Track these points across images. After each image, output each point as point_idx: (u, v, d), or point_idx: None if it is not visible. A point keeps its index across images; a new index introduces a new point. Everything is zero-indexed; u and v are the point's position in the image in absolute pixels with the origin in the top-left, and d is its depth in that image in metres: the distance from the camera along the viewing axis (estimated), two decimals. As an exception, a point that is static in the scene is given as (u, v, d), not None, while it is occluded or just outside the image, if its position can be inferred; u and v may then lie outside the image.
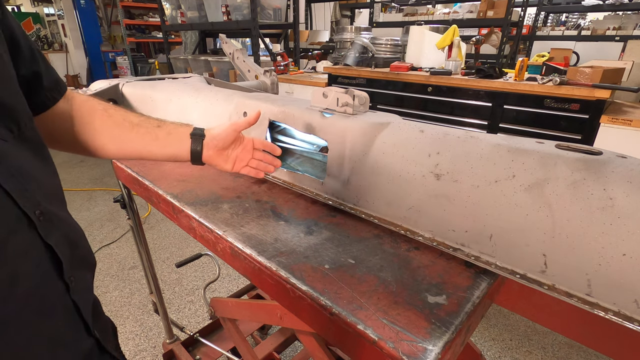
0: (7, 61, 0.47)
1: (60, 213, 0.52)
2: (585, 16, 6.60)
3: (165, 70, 6.59)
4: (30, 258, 0.44)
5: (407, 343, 0.45)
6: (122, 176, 1.08)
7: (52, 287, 0.47)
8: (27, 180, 0.45)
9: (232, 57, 1.75)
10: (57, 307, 0.48)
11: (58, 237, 0.48)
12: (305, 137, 0.96)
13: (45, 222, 0.46)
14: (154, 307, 1.61)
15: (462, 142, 0.65)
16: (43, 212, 0.46)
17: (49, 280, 0.47)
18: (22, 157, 0.46)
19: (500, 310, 1.98)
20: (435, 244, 0.64)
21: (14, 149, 0.45)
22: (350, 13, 7.02)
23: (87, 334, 0.54)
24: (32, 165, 0.48)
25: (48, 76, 0.58)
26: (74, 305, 0.51)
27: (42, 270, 0.46)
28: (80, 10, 7.33)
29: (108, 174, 3.85)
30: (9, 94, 0.45)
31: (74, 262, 0.52)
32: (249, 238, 0.68)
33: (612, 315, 0.47)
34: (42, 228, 0.45)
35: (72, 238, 0.52)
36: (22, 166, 0.45)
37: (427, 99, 2.73)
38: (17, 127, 0.46)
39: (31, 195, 0.45)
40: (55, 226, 0.48)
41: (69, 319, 0.51)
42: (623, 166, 0.52)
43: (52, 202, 0.50)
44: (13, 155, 0.44)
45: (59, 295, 0.49)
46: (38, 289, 0.45)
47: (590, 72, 2.05)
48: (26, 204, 0.43)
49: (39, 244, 0.45)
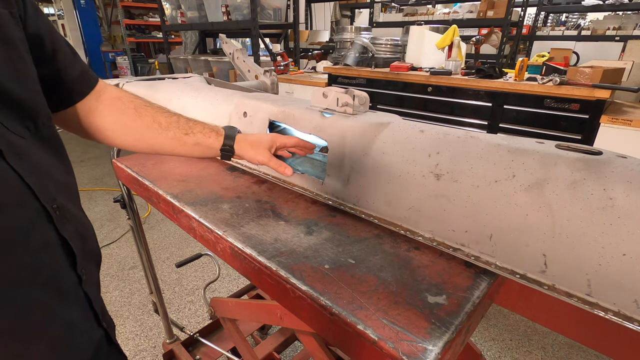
0: (28, 62, 0.48)
1: (73, 209, 0.54)
2: (585, 16, 6.60)
3: (165, 70, 6.59)
4: (49, 249, 0.47)
5: (407, 343, 0.45)
6: (122, 176, 1.08)
7: (67, 278, 0.50)
8: (45, 176, 0.48)
9: (232, 57, 1.75)
10: (71, 296, 0.51)
11: (71, 231, 0.50)
12: (305, 137, 0.96)
13: (61, 216, 0.48)
14: (154, 307, 1.61)
15: (462, 142, 0.65)
16: (59, 207, 0.48)
17: (65, 271, 0.50)
18: (39, 154, 0.48)
19: (500, 310, 1.98)
20: (435, 244, 0.64)
21: (32, 146, 0.47)
22: (350, 13, 7.02)
23: (97, 324, 0.57)
24: (48, 162, 0.50)
25: (74, 71, 0.59)
26: (85, 297, 0.54)
27: (59, 260, 0.48)
28: (80, 10, 7.33)
29: (108, 174, 3.85)
30: (28, 94, 0.47)
31: (85, 256, 0.54)
32: (249, 238, 0.68)
33: (612, 315, 0.47)
34: (58, 222, 0.48)
35: (83, 233, 0.55)
36: (40, 163, 0.48)
37: (427, 99, 2.73)
38: (34, 126, 0.47)
39: (49, 190, 0.47)
40: (69, 220, 0.50)
41: (81, 308, 0.54)
42: (623, 166, 0.52)
43: (67, 197, 0.52)
44: (32, 152, 0.47)
45: (73, 286, 0.51)
46: (55, 277, 0.48)
47: (590, 72, 2.05)
48: (45, 199, 0.46)
49: (54, 236, 0.48)
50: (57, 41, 0.56)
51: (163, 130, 0.67)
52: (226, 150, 0.71)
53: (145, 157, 1.11)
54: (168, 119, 0.68)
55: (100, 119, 0.64)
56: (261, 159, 0.70)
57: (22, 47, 0.47)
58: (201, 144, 0.70)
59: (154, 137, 0.67)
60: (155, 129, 0.67)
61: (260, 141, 0.71)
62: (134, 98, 0.68)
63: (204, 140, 0.69)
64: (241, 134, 0.72)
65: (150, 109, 0.68)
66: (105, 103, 0.64)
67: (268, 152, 0.71)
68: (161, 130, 0.67)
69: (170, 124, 0.68)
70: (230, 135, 0.71)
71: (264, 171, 0.93)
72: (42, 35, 0.52)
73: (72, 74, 0.59)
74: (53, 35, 0.55)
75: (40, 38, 0.52)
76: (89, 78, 0.62)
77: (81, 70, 0.61)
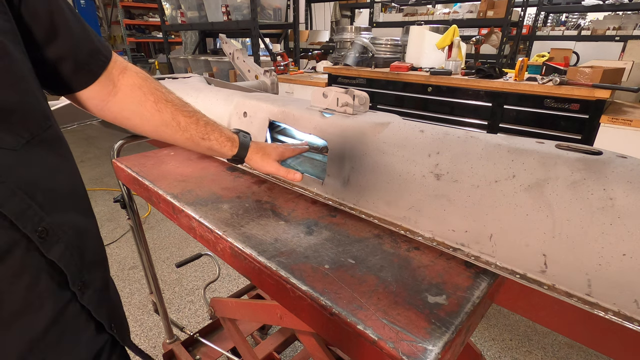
0: (15, 57, 0.42)
1: (72, 218, 0.50)
2: (585, 16, 6.60)
3: (165, 70, 6.59)
4: (25, 278, 0.42)
5: (407, 343, 0.45)
6: (122, 176, 1.08)
7: (56, 300, 0.46)
8: (35, 194, 0.43)
9: (232, 57, 1.75)
10: (63, 317, 0.48)
11: (62, 250, 0.46)
12: (305, 137, 0.96)
13: (50, 237, 0.44)
14: (154, 307, 1.61)
15: (462, 142, 0.65)
16: (46, 228, 0.44)
17: (51, 296, 0.46)
18: (33, 164, 0.44)
19: (500, 310, 1.98)
20: (435, 244, 0.64)
21: (24, 157, 0.42)
22: (350, 13, 7.02)
23: (97, 332, 0.54)
24: (44, 170, 0.46)
25: (82, 53, 0.54)
26: (83, 308, 0.50)
27: (40, 286, 0.44)
28: (80, 10, 7.33)
29: (108, 174, 3.85)
30: (18, 98, 0.42)
31: (84, 268, 0.51)
32: (249, 238, 0.68)
33: (612, 315, 0.47)
34: (45, 245, 0.44)
35: (79, 244, 0.51)
36: (29, 179, 0.43)
37: (427, 99, 2.73)
38: (28, 133, 0.43)
39: (35, 211, 0.43)
40: (60, 238, 0.46)
41: (77, 324, 0.50)
42: (623, 166, 0.52)
43: (64, 206, 0.49)
44: (22, 164, 0.42)
45: (65, 304, 0.48)
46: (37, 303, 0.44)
47: (590, 72, 2.05)
48: (26, 224, 0.41)
49: (37, 262, 0.44)
50: (60, 17, 0.50)
51: (181, 130, 0.67)
52: (236, 159, 0.75)
53: (145, 157, 1.11)
54: (187, 119, 0.68)
55: (117, 106, 0.62)
56: (270, 169, 0.75)
57: (6, 39, 0.41)
58: (215, 150, 0.72)
59: (171, 134, 0.68)
60: (173, 127, 0.67)
61: (270, 154, 0.76)
62: (155, 88, 0.65)
63: (218, 148, 0.72)
64: (253, 144, 0.75)
65: (170, 105, 0.66)
66: (124, 90, 0.61)
67: (276, 163, 0.75)
68: (179, 129, 0.67)
69: (189, 125, 0.68)
70: (244, 145, 0.74)
71: (264, 171, 0.93)
72: (40, 17, 0.47)
73: (80, 56, 0.54)
74: (55, 12, 0.49)
75: (37, 18, 0.47)
76: (98, 59, 0.58)
77: (90, 49, 0.56)
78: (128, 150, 1.09)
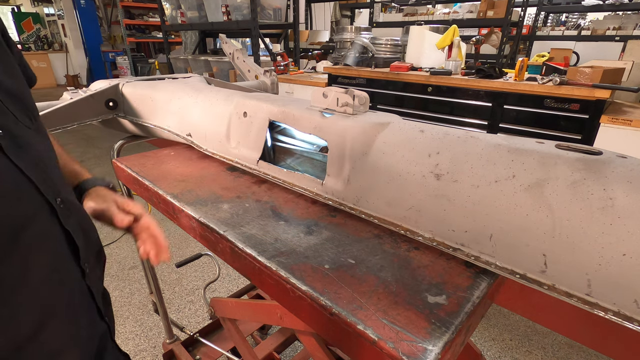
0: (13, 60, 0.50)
1: (74, 200, 0.55)
2: (585, 16, 6.60)
3: (165, 70, 6.59)
4: (49, 243, 0.47)
5: (407, 343, 0.45)
6: (122, 176, 1.08)
7: (70, 271, 0.51)
8: (49, 169, 0.49)
9: (232, 57, 1.75)
10: (75, 291, 0.52)
11: (74, 225, 0.51)
12: (305, 137, 0.96)
13: (65, 209, 0.49)
14: (154, 307, 1.61)
15: (462, 142, 0.65)
16: (63, 200, 0.49)
17: (67, 264, 0.50)
18: (40, 144, 0.50)
19: (500, 310, 1.98)
20: (435, 244, 0.64)
21: (36, 136, 0.48)
22: (350, 13, 7.02)
23: (100, 317, 0.59)
24: (48, 152, 0.52)
25: None
26: (88, 290, 0.55)
27: (61, 254, 0.49)
28: (80, 10, 7.34)
29: (108, 174, 3.85)
30: (22, 88, 0.49)
31: (88, 250, 0.55)
32: (249, 238, 0.68)
33: (612, 315, 0.47)
34: (62, 215, 0.48)
35: (85, 227, 0.56)
36: (42, 156, 0.49)
37: (427, 99, 2.73)
38: (32, 118, 0.49)
39: (53, 183, 0.48)
40: (72, 213, 0.51)
41: (85, 302, 0.55)
42: (623, 166, 0.52)
43: (68, 190, 0.54)
44: (36, 141, 0.48)
45: (76, 279, 0.52)
46: (58, 268, 0.48)
47: (590, 72, 2.05)
48: (48, 192, 0.46)
49: (57, 230, 0.48)
50: None
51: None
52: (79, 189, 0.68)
53: (145, 157, 1.11)
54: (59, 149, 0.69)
55: None
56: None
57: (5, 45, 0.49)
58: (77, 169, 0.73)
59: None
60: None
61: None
62: None
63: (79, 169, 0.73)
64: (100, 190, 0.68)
65: None
66: None
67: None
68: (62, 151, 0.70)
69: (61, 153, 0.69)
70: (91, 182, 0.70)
71: (264, 171, 0.93)
72: None
73: None
74: None
75: None
76: None
77: None
78: (128, 150, 1.09)
